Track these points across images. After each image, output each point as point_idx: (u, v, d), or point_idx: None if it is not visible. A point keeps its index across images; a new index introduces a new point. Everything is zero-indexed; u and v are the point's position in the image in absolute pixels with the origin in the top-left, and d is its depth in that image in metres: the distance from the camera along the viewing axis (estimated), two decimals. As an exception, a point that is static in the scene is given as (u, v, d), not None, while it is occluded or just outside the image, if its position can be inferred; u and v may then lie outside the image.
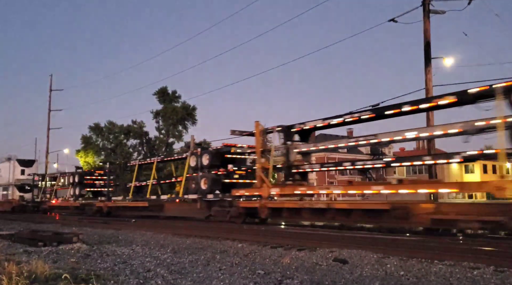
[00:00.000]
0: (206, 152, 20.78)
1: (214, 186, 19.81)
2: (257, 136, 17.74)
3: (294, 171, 17.10)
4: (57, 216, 30.29)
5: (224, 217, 18.20)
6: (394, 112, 13.89)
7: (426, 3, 19.51)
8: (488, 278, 6.68)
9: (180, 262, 8.53)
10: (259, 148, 17.64)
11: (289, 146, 16.98)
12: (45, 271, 6.65)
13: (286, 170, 16.97)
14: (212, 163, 20.26)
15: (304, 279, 6.82)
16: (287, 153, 16.86)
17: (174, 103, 49.82)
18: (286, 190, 16.36)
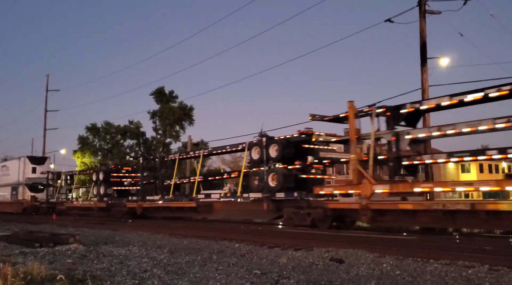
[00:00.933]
0: (275, 142, 17.54)
1: (286, 183, 16.80)
2: (351, 120, 14.95)
3: (405, 164, 14.12)
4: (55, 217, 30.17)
5: (303, 221, 15.32)
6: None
7: (422, 3, 19.57)
8: (482, 276, 6.71)
9: (177, 262, 8.54)
10: (354, 135, 14.77)
11: (399, 132, 13.97)
12: (41, 272, 6.65)
13: (394, 163, 13.94)
14: (284, 155, 17.17)
15: (301, 279, 6.84)
16: (397, 140, 13.86)
17: (171, 103, 49.70)
18: (400, 188, 13.35)
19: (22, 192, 38.52)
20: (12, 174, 41.02)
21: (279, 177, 16.81)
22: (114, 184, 28.35)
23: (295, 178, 16.89)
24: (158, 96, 49.74)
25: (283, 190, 16.69)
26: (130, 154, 49.49)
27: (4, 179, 43.32)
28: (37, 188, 38.10)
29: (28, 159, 39.66)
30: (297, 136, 17.24)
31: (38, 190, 37.97)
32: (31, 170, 39.01)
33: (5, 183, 42.67)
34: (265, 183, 17.21)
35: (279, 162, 17.39)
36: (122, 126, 50.00)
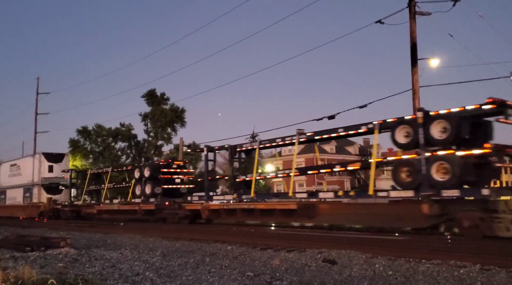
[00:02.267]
0: (444, 117, 12.11)
1: (465, 175, 11.79)
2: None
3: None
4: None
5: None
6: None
7: (412, 4, 19.68)
8: (474, 276, 6.76)
9: (169, 265, 8.51)
10: None
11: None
12: (32, 277, 6.59)
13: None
14: (457, 136, 11.97)
15: (294, 280, 6.85)
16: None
17: (162, 105, 49.52)
18: None
19: (38, 194, 33.22)
20: (25, 174, 35.53)
21: (453, 167, 11.67)
22: (163, 182, 23.09)
23: (475, 168, 12.09)
24: (150, 98, 49.53)
25: (457, 185, 11.75)
26: (121, 156, 49.23)
27: (15, 179, 37.76)
28: (55, 189, 33.05)
29: (44, 156, 34.03)
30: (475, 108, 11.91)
31: (56, 191, 33.01)
32: (47, 168, 33.69)
33: (15, 184, 37.24)
34: (425, 176, 12.21)
35: (452, 145, 12.29)
36: (114, 129, 49.70)
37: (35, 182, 33.77)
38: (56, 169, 34.00)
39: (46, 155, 34.50)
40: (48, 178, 33.53)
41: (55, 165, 34.01)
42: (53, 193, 33.01)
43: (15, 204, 36.81)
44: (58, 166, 34.16)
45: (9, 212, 36.25)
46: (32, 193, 33.99)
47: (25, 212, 33.64)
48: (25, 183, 35.24)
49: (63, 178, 32.99)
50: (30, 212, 32.87)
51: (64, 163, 34.94)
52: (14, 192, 37.54)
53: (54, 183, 33.40)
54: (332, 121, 21.12)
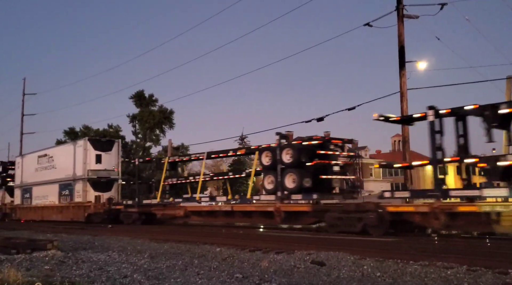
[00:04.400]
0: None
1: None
2: None
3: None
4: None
5: None
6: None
7: (400, 8, 19.87)
8: (461, 277, 6.82)
9: (157, 267, 8.46)
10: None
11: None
12: (18, 280, 6.50)
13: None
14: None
15: (282, 282, 6.85)
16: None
17: (151, 107, 49.37)
18: None
19: (83, 191, 26.36)
20: (62, 166, 28.61)
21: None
22: (316, 170, 16.28)
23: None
24: (138, 99, 49.36)
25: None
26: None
27: (45, 174, 30.38)
28: (104, 185, 26.94)
29: (91, 143, 26.98)
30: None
31: (105, 187, 26.89)
32: (94, 158, 26.59)
33: (46, 179, 30.02)
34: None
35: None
36: (101, 130, 49.44)
37: (78, 176, 26.87)
38: (105, 159, 27.19)
39: (93, 142, 27.49)
40: (95, 170, 26.76)
41: (103, 154, 27.14)
42: (102, 190, 26.70)
43: (47, 204, 29.70)
44: (107, 155, 27.34)
45: (38, 215, 29.95)
46: (74, 190, 27.09)
47: (64, 215, 27.41)
48: (62, 178, 28.33)
49: (113, 171, 27.24)
50: (71, 214, 26.76)
51: (114, 152, 27.82)
52: (45, 190, 30.30)
53: (103, 177, 26.93)
54: (321, 123, 21.26)
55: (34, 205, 31.08)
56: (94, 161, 26.73)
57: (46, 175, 30.06)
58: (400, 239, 12.27)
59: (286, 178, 16.33)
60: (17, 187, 34.07)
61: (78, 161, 26.88)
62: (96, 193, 26.30)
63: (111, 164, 27.33)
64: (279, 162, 16.58)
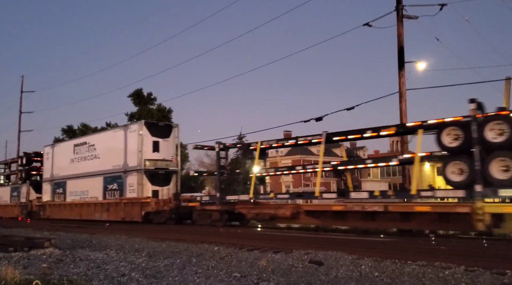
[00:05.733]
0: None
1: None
2: None
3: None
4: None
5: None
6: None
7: (399, 8, 19.87)
8: (459, 277, 6.83)
9: (155, 266, 8.45)
10: None
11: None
12: (15, 278, 6.49)
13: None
14: None
15: (280, 281, 6.85)
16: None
17: (149, 105, 49.37)
18: None
19: (138, 185, 22.17)
20: (107, 155, 24.34)
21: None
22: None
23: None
24: (137, 98, 49.36)
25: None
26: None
27: (85, 165, 26.04)
28: (163, 178, 22.93)
29: (147, 128, 22.79)
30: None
31: (163, 181, 22.89)
32: (151, 146, 22.62)
33: (87, 171, 25.74)
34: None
35: None
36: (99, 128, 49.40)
37: (131, 167, 22.66)
38: (163, 147, 23.17)
39: (149, 126, 23.12)
40: (153, 160, 22.58)
41: (161, 141, 23.06)
42: (160, 184, 22.75)
43: (87, 201, 25.49)
44: (165, 142, 23.30)
45: (75, 213, 25.81)
46: (126, 183, 22.94)
47: (111, 213, 23.37)
48: (108, 170, 24.22)
49: (172, 162, 23.44)
50: (122, 212, 22.61)
51: (171, 139, 23.71)
52: (84, 184, 26.21)
53: (161, 168, 22.87)
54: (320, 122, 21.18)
55: (70, 202, 26.97)
56: (151, 149, 22.63)
57: (86, 166, 25.89)
58: (398, 239, 12.28)
59: (492, 165, 11.62)
60: (46, 181, 30.21)
61: (131, 149, 22.66)
62: (153, 187, 22.38)
63: (169, 153, 23.38)
64: (478, 142, 11.86)
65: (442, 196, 13.73)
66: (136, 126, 23.06)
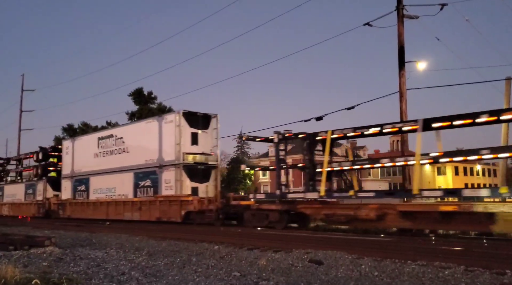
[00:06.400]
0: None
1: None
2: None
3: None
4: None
5: None
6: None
7: (400, 8, 19.86)
8: (459, 277, 6.83)
9: (155, 265, 8.45)
10: None
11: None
12: (15, 276, 6.50)
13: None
14: None
15: (280, 281, 6.85)
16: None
17: (150, 104, 49.35)
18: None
19: (176, 181, 20.06)
20: (138, 149, 22.31)
21: None
22: None
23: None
24: (137, 97, 49.33)
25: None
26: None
27: (112, 160, 24.12)
28: (202, 173, 21.01)
29: (185, 118, 20.82)
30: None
31: (202, 176, 20.97)
32: (190, 138, 20.80)
33: (114, 167, 23.79)
34: None
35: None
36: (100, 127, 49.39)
37: (167, 162, 20.70)
38: (202, 139, 21.25)
39: (187, 116, 21.00)
40: (192, 154, 20.65)
41: (200, 133, 21.24)
42: (199, 180, 20.82)
43: (115, 199, 23.48)
44: (204, 134, 21.41)
45: (100, 212, 23.94)
46: (161, 179, 20.93)
47: (145, 213, 21.28)
48: (139, 165, 22.10)
49: (211, 155, 21.46)
50: (157, 211, 20.60)
51: (210, 130, 21.74)
52: (111, 180, 24.17)
53: (200, 163, 20.88)
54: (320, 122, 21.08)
55: (94, 200, 24.98)
56: (190, 142, 20.73)
57: (113, 161, 23.82)
58: (398, 239, 12.28)
59: None
60: (65, 177, 28.19)
61: (167, 142, 20.72)
62: (192, 183, 20.48)
63: (208, 145, 21.46)
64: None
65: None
66: (173, 116, 20.88)
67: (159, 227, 18.42)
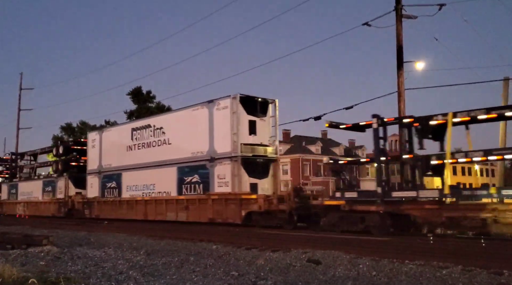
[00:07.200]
0: None
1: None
2: None
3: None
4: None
5: None
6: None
7: (398, 8, 19.85)
8: (456, 277, 6.84)
9: (153, 264, 8.45)
10: None
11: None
12: (12, 275, 6.49)
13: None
14: None
15: (278, 280, 6.85)
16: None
17: (148, 103, 49.37)
18: None
19: (233, 176, 17.46)
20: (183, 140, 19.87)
21: None
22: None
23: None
24: (135, 96, 49.36)
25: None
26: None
27: (150, 153, 21.66)
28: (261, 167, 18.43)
29: (242, 104, 18.06)
30: None
31: (261, 171, 18.41)
32: (247, 127, 18.09)
33: (152, 161, 21.29)
34: None
35: None
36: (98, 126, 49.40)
37: (220, 154, 18.07)
38: (260, 128, 18.58)
39: (244, 101, 18.21)
40: (249, 146, 17.94)
41: (258, 121, 18.54)
42: (257, 175, 18.22)
43: (154, 197, 20.91)
44: (262, 123, 18.71)
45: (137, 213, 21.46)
46: (213, 175, 18.27)
47: (191, 213, 18.86)
48: (185, 158, 19.52)
49: (270, 147, 18.82)
50: (210, 211, 17.96)
51: (268, 118, 19.06)
52: (148, 176, 21.60)
53: (259, 155, 18.23)
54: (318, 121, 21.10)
55: (128, 198, 22.37)
56: (248, 131, 18.03)
57: (152, 154, 21.33)
58: (396, 239, 12.28)
59: None
60: (91, 173, 25.63)
61: (221, 131, 18.14)
62: (251, 179, 17.87)
63: (266, 135, 18.83)
64: None
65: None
66: (227, 101, 18.03)
67: (158, 227, 18.40)
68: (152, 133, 21.64)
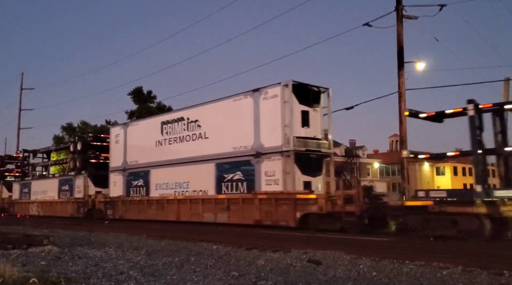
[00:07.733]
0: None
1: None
2: None
3: None
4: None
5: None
6: None
7: (399, 8, 19.87)
8: (456, 277, 6.84)
9: (153, 264, 8.45)
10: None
11: None
12: (13, 275, 6.49)
13: None
14: None
15: (278, 280, 6.85)
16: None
17: (149, 103, 49.40)
18: None
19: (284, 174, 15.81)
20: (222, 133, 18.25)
21: None
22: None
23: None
24: (136, 96, 49.39)
25: None
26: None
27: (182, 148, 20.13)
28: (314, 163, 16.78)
29: (294, 93, 16.35)
30: None
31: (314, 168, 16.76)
32: (300, 119, 16.49)
33: (186, 156, 19.73)
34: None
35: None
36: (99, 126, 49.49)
37: (268, 149, 16.46)
38: (313, 120, 17.04)
39: (297, 89, 16.57)
40: (302, 139, 16.32)
41: (311, 111, 16.96)
42: (310, 172, 16.54)
43: (189, 196, 19.24)
44: (315, 114, 17.19)
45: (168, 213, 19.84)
46: (259, 172, 16.62)
47: (233, 214, 17.12)
48: (225, 153, 17.90)
49: (322, 141, 17.12)
50: (255, 214, 16.24)
51: (320, 109, 17.54)
52: (180, 173, 19.97)
53: (312, 150, 16.59)
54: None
55: (158, 198, 20.67)
56: (300, 123, 16.39)
57: (184, 150, 19.74)
58: (396, 239, 12.28)
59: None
60: (115, 170, 23.90)
61: (269, 123, 16.47)
62: (304, 177, 16.21)
63: (318, 128, 17.27)
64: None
65: None
66: (277, 89, 16.33)
67: (158, 227, 18.40)
68: (185, 127, 19.99)
